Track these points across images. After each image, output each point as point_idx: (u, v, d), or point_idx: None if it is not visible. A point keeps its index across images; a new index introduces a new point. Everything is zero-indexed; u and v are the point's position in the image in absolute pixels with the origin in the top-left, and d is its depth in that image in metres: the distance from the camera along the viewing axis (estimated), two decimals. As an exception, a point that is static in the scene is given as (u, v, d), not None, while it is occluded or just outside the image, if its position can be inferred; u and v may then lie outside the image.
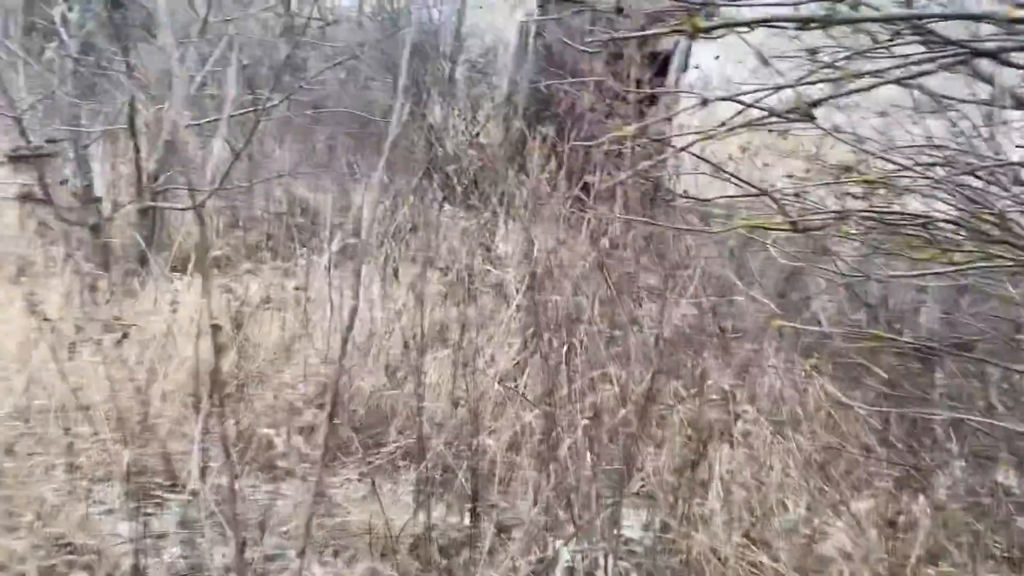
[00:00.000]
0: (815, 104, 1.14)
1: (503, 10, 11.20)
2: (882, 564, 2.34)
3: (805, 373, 3.08)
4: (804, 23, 1.20)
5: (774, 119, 1.30)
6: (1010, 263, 1.79)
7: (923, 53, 1.50)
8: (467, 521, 2.62)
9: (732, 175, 1.77)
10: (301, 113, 5.72)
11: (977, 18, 1.42)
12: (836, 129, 1.81)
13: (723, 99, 1.22)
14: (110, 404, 2.75)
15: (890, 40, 1.45)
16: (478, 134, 9.76)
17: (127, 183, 4.52)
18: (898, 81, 1.29)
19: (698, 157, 1.67)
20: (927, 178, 1.87)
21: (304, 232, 5.09)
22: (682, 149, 1.38)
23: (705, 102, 1.16)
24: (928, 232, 1.90)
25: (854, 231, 1.98)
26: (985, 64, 1.79)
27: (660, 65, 9.14)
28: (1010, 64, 1.47)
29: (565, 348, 3.19)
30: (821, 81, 1.18)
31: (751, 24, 1.18)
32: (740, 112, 1.27)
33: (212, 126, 4.92)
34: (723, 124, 1.19)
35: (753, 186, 1.70)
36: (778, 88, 1.19)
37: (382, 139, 6.62)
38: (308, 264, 4.32)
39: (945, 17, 1.30)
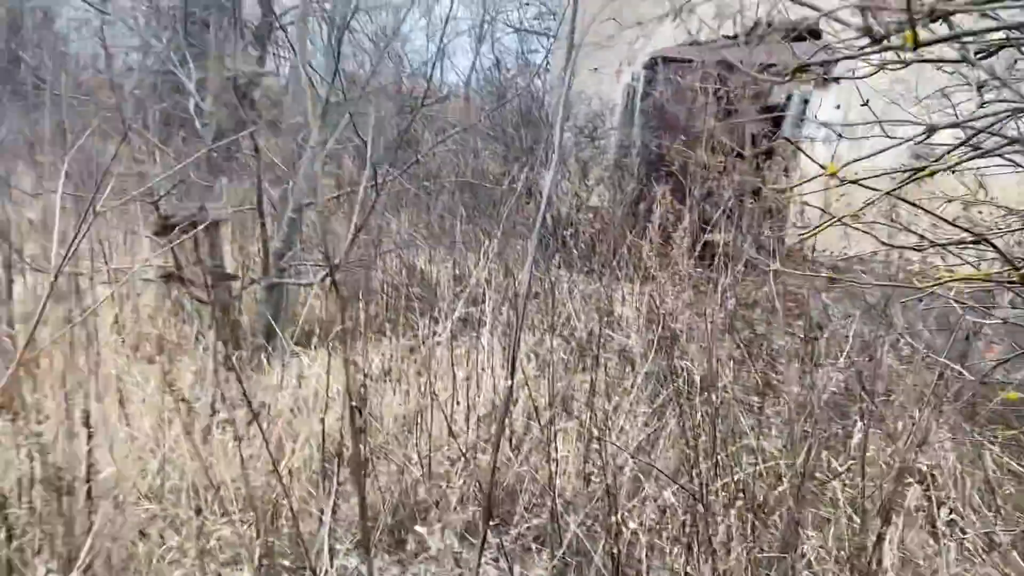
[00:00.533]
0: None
1: (609, 74, 11.26)
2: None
3: (983, 443, 2.72)
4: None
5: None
6: None
7: None
8: (608, 612, 2.41)
9: (946, 220, 1.55)
10: (416, 185, 5.80)
11: None
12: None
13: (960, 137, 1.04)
14: (240, 484, 2.73)
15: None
16: (588, 197, 9.72)
17: (254, 261, 4.66)
18: None
19: (909, 203, 1.45)
20: None
21: (423, 302, 5.08)
22: (889, 192, 1.19)
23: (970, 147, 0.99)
24: None
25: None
26: None
27: (774, 119, 8.92)
28: None
29: (700, 418, 2.97)
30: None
31: (981, 32, 1.02)
32: (961, 143, 1.09)
33: (333, 203, 5.04)
34: (941, 157, 1.01)
35: (967, 230, 1.47)
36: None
37: (496, 207, 6.65)
38: (428, 335, 4.27)
39: None
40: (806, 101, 8.45)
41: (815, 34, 8.60)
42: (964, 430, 3.01)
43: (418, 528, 2.32)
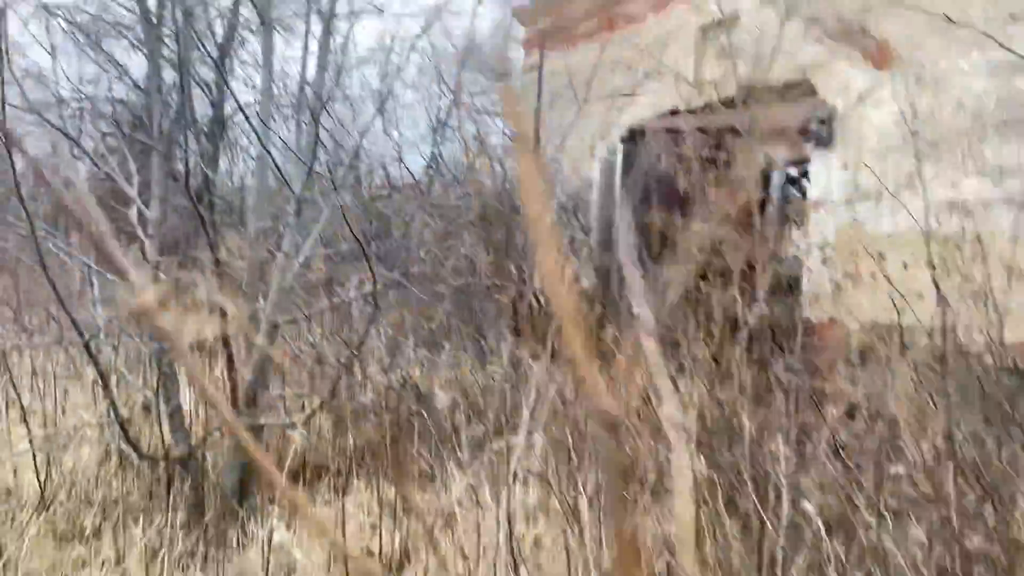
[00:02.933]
0: None
1: (582, 150, 10.72)
2: None
3: None
4: None
5: None
6: None
7: None
8: None
9: None
10: (421, 289, 4.99)
11: None
12: None
13: None
14: None
15: None
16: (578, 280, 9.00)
17: (219, 400, 3.77)
18: None
19: None
20: None
21: (427, 431, 4.22)
22: None
23: None
24: None
25: None
26: None
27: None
28: None
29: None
30: None
31: None
32: None
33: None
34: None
35: None
36: None
37: (492, 307, 5.87)
38: (444, 477, 3.41)
39: None
40: (794, 164, 7.94)
41: (810, 91, 8.06)
42: None
43: None
